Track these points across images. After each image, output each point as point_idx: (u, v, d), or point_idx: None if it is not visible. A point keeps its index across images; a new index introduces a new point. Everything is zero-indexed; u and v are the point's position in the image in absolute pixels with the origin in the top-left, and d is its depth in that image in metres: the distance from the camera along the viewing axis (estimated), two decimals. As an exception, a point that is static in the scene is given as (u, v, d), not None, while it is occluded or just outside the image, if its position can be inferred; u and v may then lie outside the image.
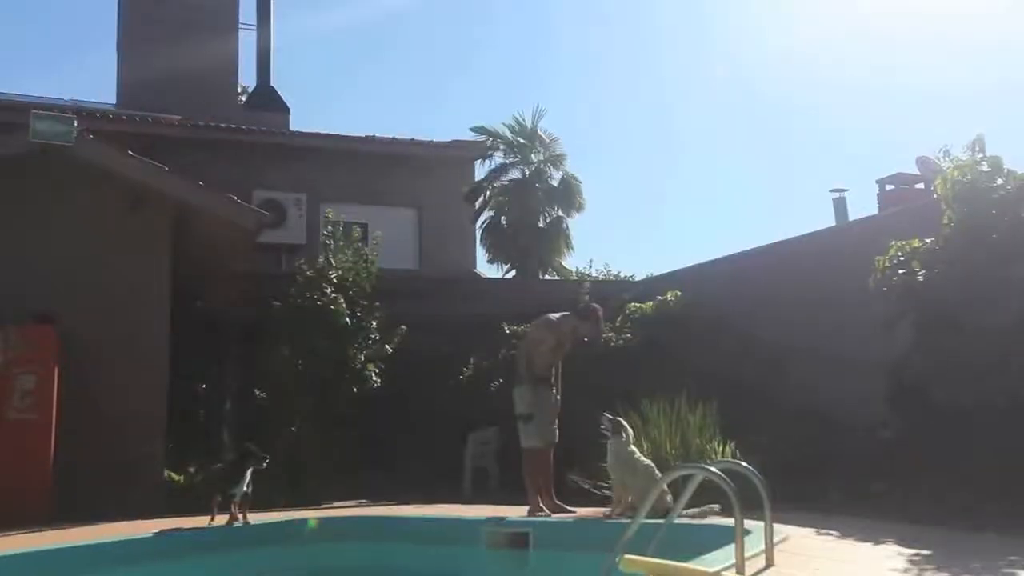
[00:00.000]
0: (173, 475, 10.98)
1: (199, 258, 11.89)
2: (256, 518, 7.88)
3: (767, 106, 38.35)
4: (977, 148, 7.97)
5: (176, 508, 9.48)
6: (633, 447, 7.55)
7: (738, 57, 35.69)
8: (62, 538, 7.19)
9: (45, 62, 40.37)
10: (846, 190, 14.43)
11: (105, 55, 29.42)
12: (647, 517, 4.90)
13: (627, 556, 4.47)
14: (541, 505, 8.08)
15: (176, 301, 10.98)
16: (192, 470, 11.05)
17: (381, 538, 8.06)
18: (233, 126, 17.21)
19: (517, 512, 8.33)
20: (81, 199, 10.57)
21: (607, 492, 8.44)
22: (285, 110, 19.75)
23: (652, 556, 4.58)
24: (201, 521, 7.73)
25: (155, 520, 8.19)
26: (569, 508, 8.11)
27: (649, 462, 7.51)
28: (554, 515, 7.92)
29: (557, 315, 8.60)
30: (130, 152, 10.89)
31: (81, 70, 41.49)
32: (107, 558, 6.69)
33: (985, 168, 7.76)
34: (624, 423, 7.67)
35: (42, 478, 9.11)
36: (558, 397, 8.44)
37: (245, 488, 7.38)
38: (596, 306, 8.71)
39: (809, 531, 6.42)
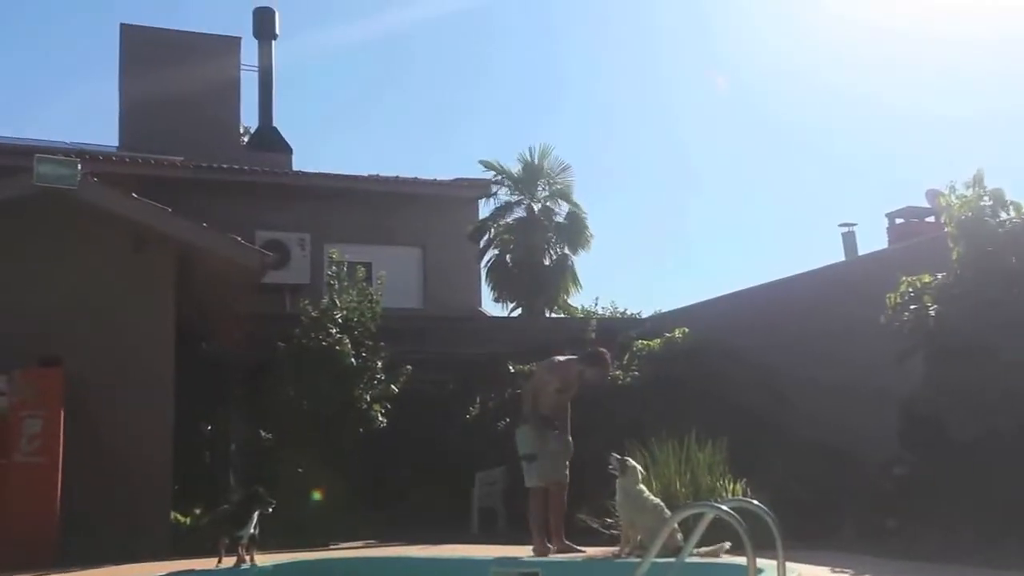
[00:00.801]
0: (180, 517, 10.89)
1: (203, 299, 11.88)
2: (264, 559, 7.80)
3: (775, 140, 38.55)
4: (977, 184, 8.00)
5: (183, 550, 9.40)
6: (642, 486, 7.49)
7: (745, 89, 35.93)
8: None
9: (46, 105, 40.75)
10: (855, 224, 14.44)
11: (106, 98, 29.79)
12: (658, 556, 4.83)
13: None
14: (548, 544, 7.98)
15: (180, 342, 10.94)
16: (198, 512, 10.96)
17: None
18: (235, 167, 17.31)
19: (525, 552, 8.25)
20: (85, 242, 10.56)
21: (615, 531, 8.37)
22: (288, 150, 19.88)
23: None
24: (209, 563, 7.66)
25: (163, 562, 8.11)
26: (578, 548, 8.01)
27: (658, 500, 7.45)
28: (563, 555, 7.83)
29: (564, 358, 8.61)
30: (133, 194, 10.92)
31: (82, 113, 41.78)
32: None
33: (987, 202, 7.80)
34: (632, 462, 7.60)
35: (49, 521, 9.01)
36: (568, 439, 8.36)
37: (252, 530, 7.35)
38: (604, 351, 8.72)
39: (823, 569, 6.36)
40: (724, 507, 4.78)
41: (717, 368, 11.82)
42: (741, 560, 4.64)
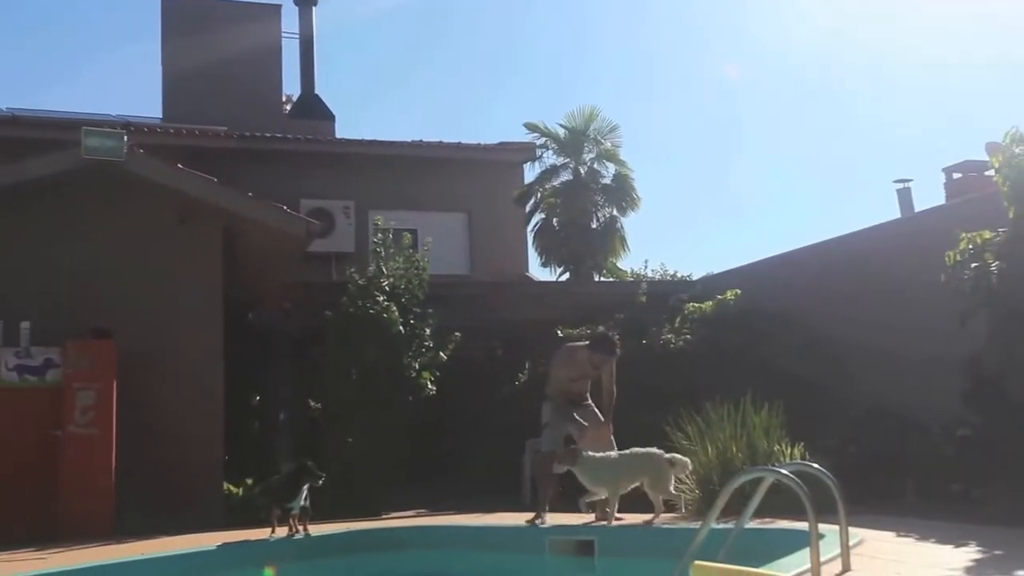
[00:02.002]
0: (231, 487, 10.99)
1: (250, 269, 11.90)
2: (315, 529, 7.82)
3: (827, 95, 37.60)
4: (1016, 141, 7.61)
5: (235, 521, 9.48)
6: (593, 454, 7.64)
7: (794, 42, 34.99)
8: (128, 552, 7.21)
9: (90, 77, 41.15)
10: (911, 180, 13.98)
11: (149, 68, 29.97)
12: (716, 522, 4.71)
13: (698, 563, 4.33)
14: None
15: (227, 312, 10.98)
16: (250, 482, 11.05)
17: (443, 547, 7.97)
18: (279, 135, 17.26)
19: (577, 520, 8.16)
20: (132, 213, 10.62)
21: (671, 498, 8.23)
22: (330, 117, 19.78)
23: (723, 562, 4.45)
24: (262, 533, 7.70)
25: (217, 533, 8.18)
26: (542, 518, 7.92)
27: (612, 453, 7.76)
28: (606, 522, 7.74)
29: (575, 345, 8.77)
30: (179, 165, 10.93)
31: (126, 84, 42.13)
32: (175, 571, 6.67)
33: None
34: (578, 450, 7.66)
35: (104, 492, 9.15)
36: (595, 411, 8.31)
37: (303, 503, 7.44)
38: (610, 334, 8.79)
39: (886, 534, 6.18)
40: (784, 471, 4.65)
41: (770, 330, 11.57)
42: (802, 525, 4.51)
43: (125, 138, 10.34)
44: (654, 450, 7.68)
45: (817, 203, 39.28)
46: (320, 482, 7.51)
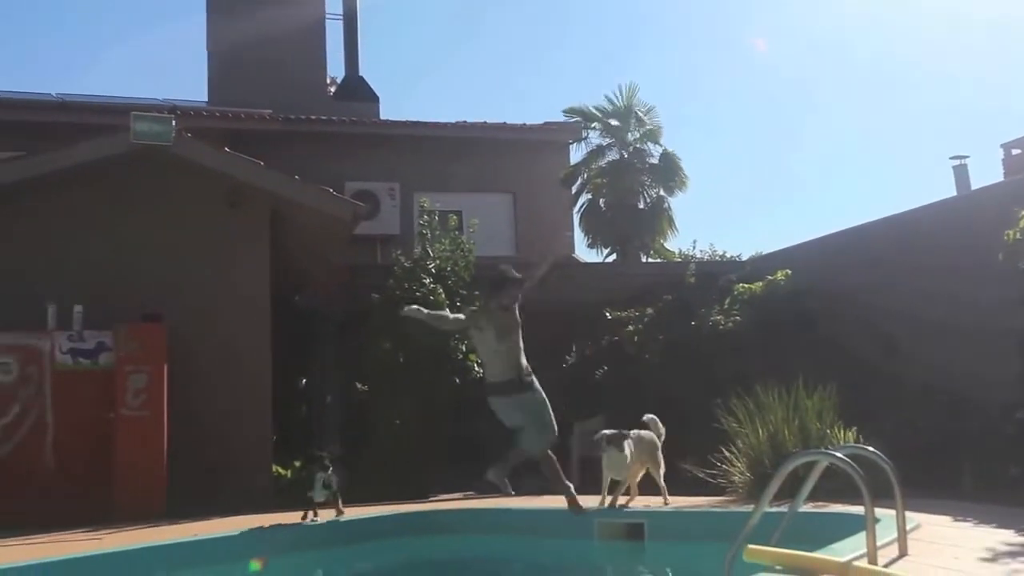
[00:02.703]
0: (280, 469, 11.09)
1: (296, 252, 11.96)
2: (362, 511, 7.85)
3: (879, 70, 36.80)
4: None
5: (284, 502, 9.56)
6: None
7: (846, 16, 34.25)
8: (180, 533, 7.29)
9: (137, 62, 41.59)
10: (967, 156, 13.64)
11: (195, 52, 30.22)
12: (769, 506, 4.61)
13: (751, 546, 4.29)
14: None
15: (274, 295, 11.05)
16: (297, 464, 11.14)
17: (491, 530, 7.96)
18: (323, 118, 17.31)
19: (628, 502, 8.10)
20: (181, 197, 10.71)
21: (721, 481, 8.15)
22: (374, 99, 19.79)
23: (776, 546, 4.42)
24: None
25: (265, 515, 8.25)
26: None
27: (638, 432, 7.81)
28: (666, 505, 7.65)
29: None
30: (226, 149, 10.99)
31: (171, 68, 42.54)
32: (226, 552, 6.73)
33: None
34: (624, 434, 7.80)
35: (157, 474, 9.27)
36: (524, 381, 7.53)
37: (326, 487, 7.64)
38: (504, 268, 7.45)
39: (943, 519, 6.06)
40: (839, 454, 4.57)
41: (822, 311, 11.36)
42: (858, 510, 4.43)
43: (173, 122, 10.41)
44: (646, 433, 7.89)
45: (870, 182, 38.57)
46: (330, 471, 7.64)
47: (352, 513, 8.42)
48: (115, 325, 9.57)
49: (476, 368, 11.90)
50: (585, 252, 19.04)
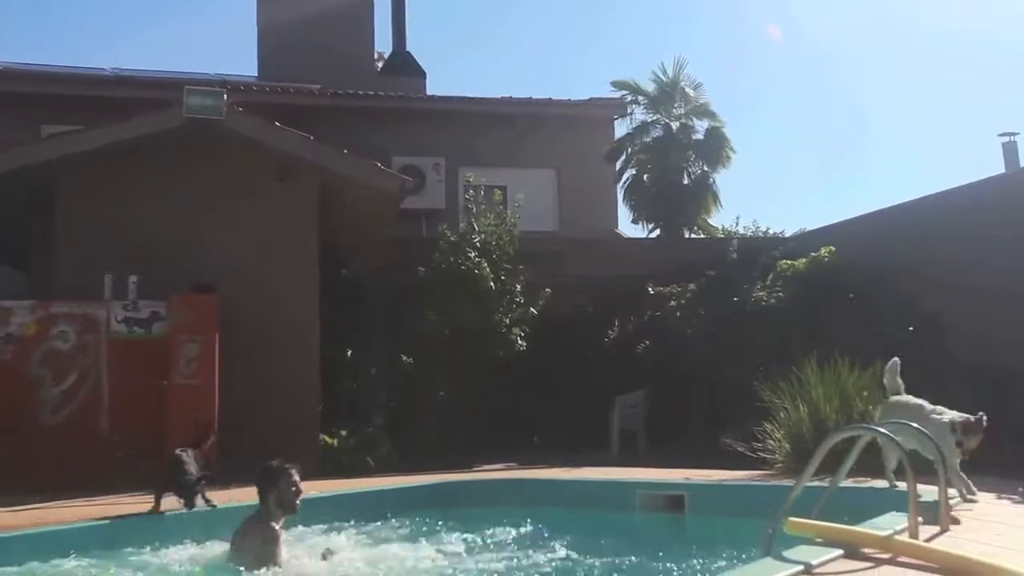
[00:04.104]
0: (327, 438, 11.31)
1: (343, 226, 12.10)
2: (410, 480, 7.97)
3: (926, 45, 35.97)
4: None
5: (330, 471, 9.79)
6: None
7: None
8: (227, 498, 7.45)
9: (189, 38, 41.93)
10: (1016, 133, 13.40)
11: (245, 28, 30.41)
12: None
13: (792, 519, 4.31)
14: None
15: (322, 268, 11.23)
16: (344, 434, 11.35)
17: (535, 501, 8.05)
18: (371, 93, 17.43)
19: (667, 475, 8.17)
20: (232, 171, 10.89)
21: (762, 454, 8.18)
22: (421, 74, 19.85)
23: (817, 519, 4.42)
24: (357, 484, 7.87)
25: (313, 482, 8.42)
26: None
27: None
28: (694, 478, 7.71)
29: None
30: (276, 123, 11.15)
31: (222, 43, 42.84)
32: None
33: None
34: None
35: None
36: None
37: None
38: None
39: (986, 495, 6.05)
40: (882, 430, 4.59)
41: (866, 288, 11.28)
42: (900, 485, 4.44)
43: (224, 97, 10.59)
44: None
45: (917, 159, 37.85)
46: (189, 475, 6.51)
47: (397, 482, 8.58)
48: (168, 295, 9.81)
49: (520, 342, 12.04)
50: (628, 228, 19.05)
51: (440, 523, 6.96)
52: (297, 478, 5.35)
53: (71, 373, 9.49)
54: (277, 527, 5.23)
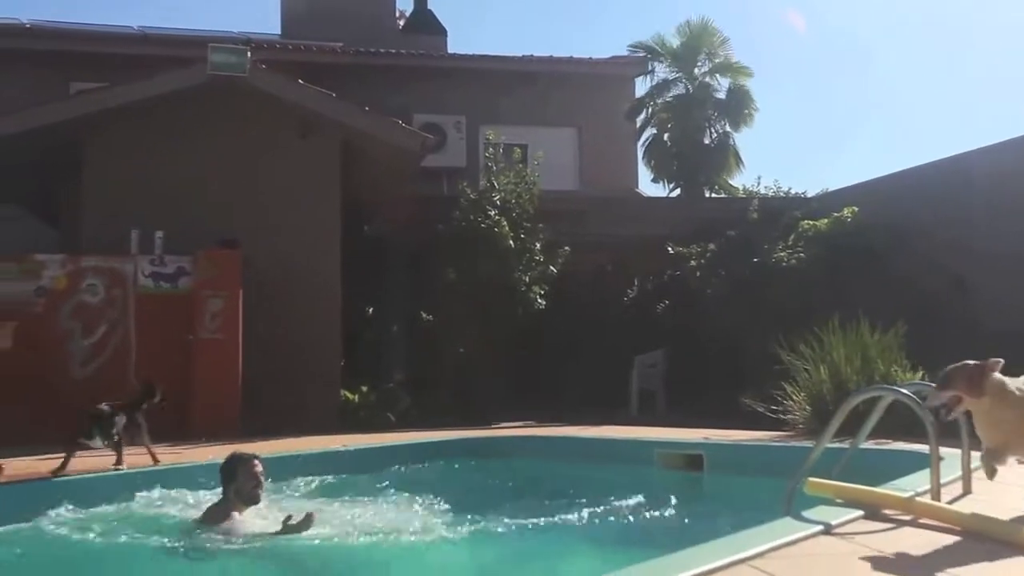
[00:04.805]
0: (348, 394, 11.44)
1: (364, 184, 12.14)
2: (430, 436, 8.06)
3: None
4: None
5: (351, 425, 9.93)
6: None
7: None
8: (254, 450, 7.59)
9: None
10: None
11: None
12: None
13: (812, 479, 4.30)
14: None
15: (344, 225, 11.28)
16: (364, 389, 11.48)
17: (553, 457, 8.13)
18: (392, 51, 17.35)
19: (686, 434, 8.22)
20: (256, 128, 10.93)
21: (781, 415, 8.21)
22: (442, 32, 19.71)
23: (837, 480, 4.41)
24: (379, 438, 7.97)
25: (339, 435, 8.57)
26: None
27: None
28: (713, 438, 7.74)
29: None
30: (299, 80, 11.14)
31: (245, 3, 42.60)
32: (297, 469, 6.99)
33: None
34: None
35: (232, 395, 9.66)
36: None
37: (103, 434, 6.43)
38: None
39: (1010, 459, 6.00)
40: (904, 391, 4.57)
41: (889, 249, 11.24)
42: (922, 447, 4.43)
43: (248, 54, 10.59)
44: None
45: (941, 118, 37.33)
46: (115, 419, 6.45)
47: (416, 437, 8.69)
48: (194, 251, 9.91)
49: (539, 300, 12.08)
50: (649, 187, 18.96)
51: (456, 479, 7.07)
52: (259, 468, 5.09)
53: (100, 326, 9.63)
54: (239, 516, 4.97)
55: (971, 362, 3.72)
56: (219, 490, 5.24)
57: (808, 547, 3.45)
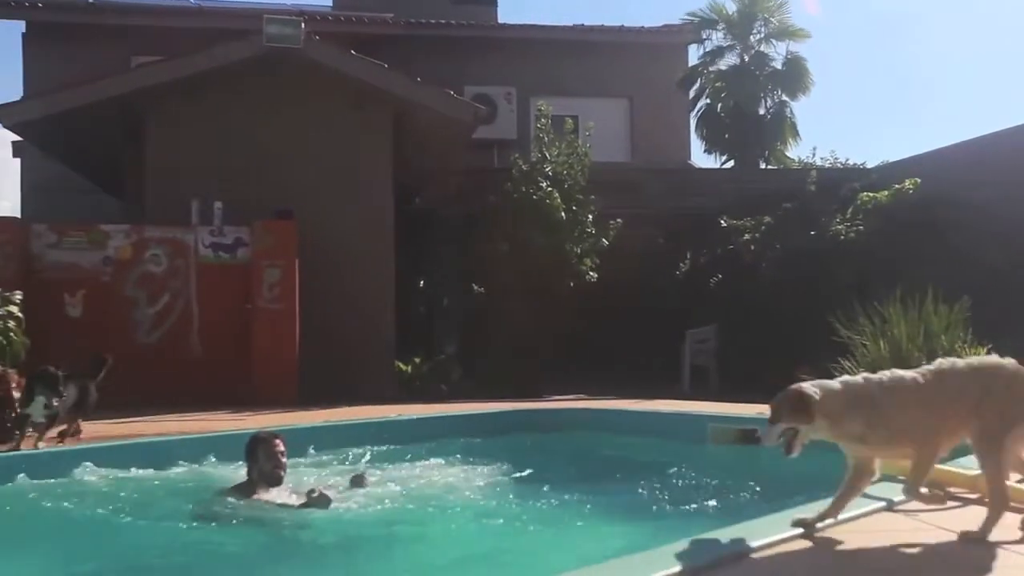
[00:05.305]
0: (401, 365, 11.55)
1: (416, 155, 12.17)
2: (480, 407, 8.08)
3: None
4: None
5: (403, 396, 10.03)
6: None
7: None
8: (312, 418, 7.72)
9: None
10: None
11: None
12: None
13: None
14: None
15: (395, 197, 11.33)
16: (417, 361, 11.58)
17: (604, 430, 8.11)
18: (443, 22, 17.30)
19: (739, 410, 8.15)
20: (309, 100, 11.00)
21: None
22: (492, 3, 19.59)
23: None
24: (430, 408, 7.99)
25: (394, 406, 8.65)
26: None
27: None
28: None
29: None
30: (352, 51, 11.17)
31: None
32: (354, 437, 7.06)
33: None
34: None
35: (289, 363, 9.82)
36: None
37: (47, 408, 5.80)
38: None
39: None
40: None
41: (953, 222, 10.97)
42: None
43: (302, 26, 10.64)
44: None
45: (1007, 87, 36.24)
46: (57, 391, 5.81)
47: (468, 408, 8.73)
48: (251, 221, 10.03)
49: (590, 272, 12.05)
50: (701, 158, 18.75)
51: (507, 450, 7.08)
52: (280, 448, 4.96)
53: (163, 295, 9.83)
54: (262, 498, 4.85)
55: (792, 387, 3.31)
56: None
57: (870, 523, 3.46)
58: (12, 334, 6.14)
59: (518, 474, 5.89)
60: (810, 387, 3.24)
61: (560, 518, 4.89)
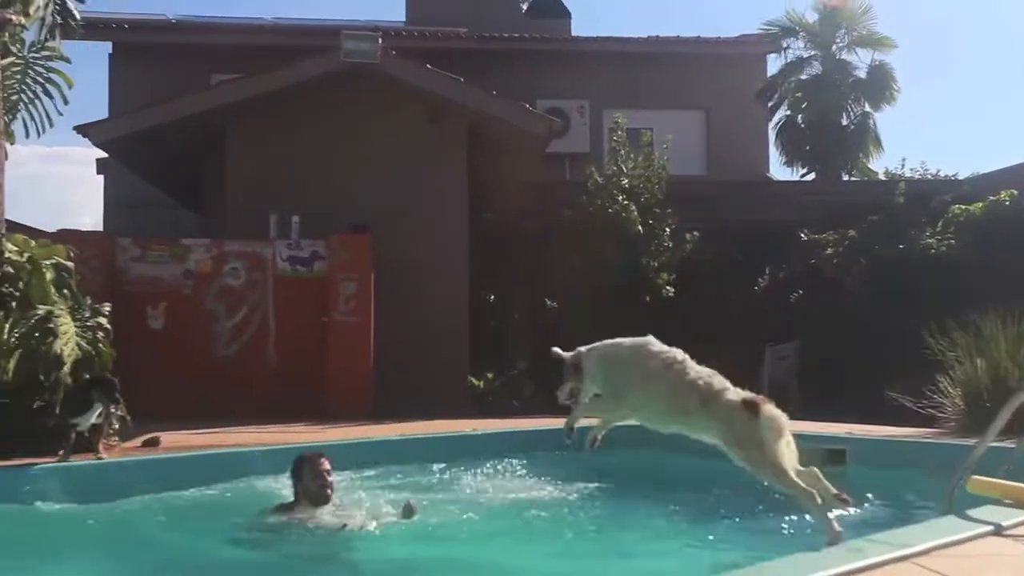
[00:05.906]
0: (473, 379, 11.48)
1: (488, 169, 12.15)
2: (546, 423, 7.95)
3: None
4: None
5: (478, 410, 9.95)
6: None
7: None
8: (388, 431, 7.69)
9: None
10: None
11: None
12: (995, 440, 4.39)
13: (976, 478, 4.11)
14: None
15: (469, 210, 11.31)
16: (490, 376, 11.49)
17: (678, 450, 7.90)
18: (516, 35, 17.30)
19: (821, 428, 7.88)
20: (386, 114, 11.08)
21: (931, 410, 7.77)
22: (566, 15, 19.54)
23: (1003, 479, 4.18)
24: (516, 423, 7.89)
25: (467, 420, 8.58)
26: None
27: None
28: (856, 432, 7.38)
29: None
30: (428, 66, 11.21)
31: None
32: (432, 452, 7.01)
33: None
34: None
35: (364, 376, 9.84)
36: None
37: (94, 420, 5.66)
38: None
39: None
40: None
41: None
42: None
43: (379, 41, 10.73)
44: None
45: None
46: (113, 408, 5.70)
47: (539, 424, 8.60)
48: (327, 235, 10.10)
49: (667, 287, 11.83)
50: (780, 171, 18.35)
51: (583, 467, 6.95)
52: (325, 467, 4.87)
53: (242, 308, 9.94)
54: (303, 517, 4.77)
55: None
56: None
57: (977, 547, 3.31)
58: (101, 345, 6.26)
59: (591, 490, 5.84)
60: None
61: (632, 535, 4.77)
